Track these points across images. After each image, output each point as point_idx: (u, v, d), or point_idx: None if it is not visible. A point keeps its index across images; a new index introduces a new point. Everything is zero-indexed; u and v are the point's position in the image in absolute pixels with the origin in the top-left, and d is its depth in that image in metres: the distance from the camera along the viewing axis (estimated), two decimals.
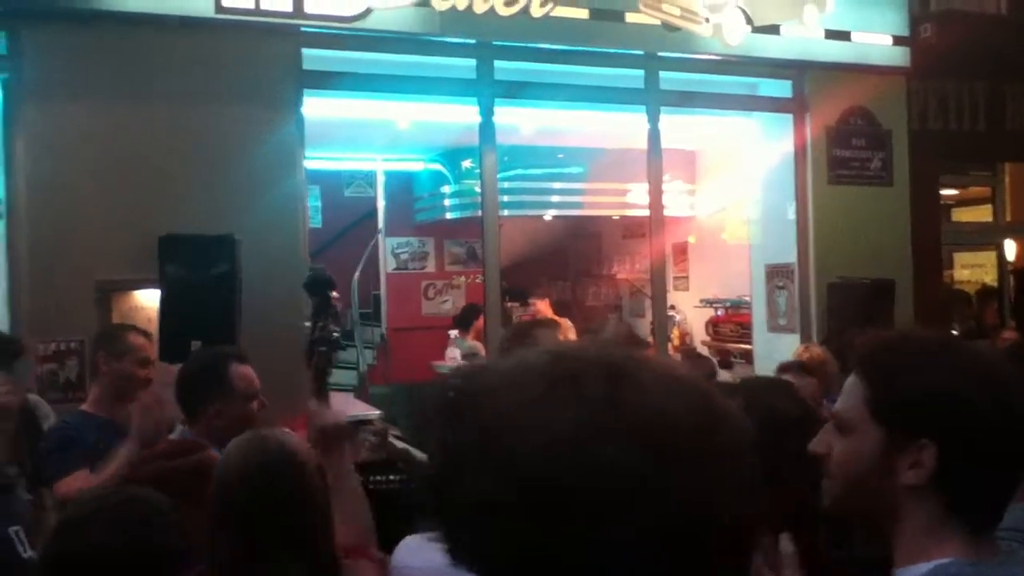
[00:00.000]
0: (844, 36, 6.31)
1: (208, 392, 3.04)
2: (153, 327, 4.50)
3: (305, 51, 5.13)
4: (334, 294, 3.91)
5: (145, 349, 3.65)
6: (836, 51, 6.30)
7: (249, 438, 2.22)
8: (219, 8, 4.80)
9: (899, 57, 6.50)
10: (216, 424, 3.01)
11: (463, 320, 7.93)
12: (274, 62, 5.02)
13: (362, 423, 5.24)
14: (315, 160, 6.20)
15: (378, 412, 6.28)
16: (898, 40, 6.48)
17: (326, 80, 5.28)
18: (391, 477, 3.98)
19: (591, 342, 0.76)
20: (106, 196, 4.68)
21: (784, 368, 4.70)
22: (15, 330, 4.65)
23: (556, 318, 7.48)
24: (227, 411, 3.03)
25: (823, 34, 6.24)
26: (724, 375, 7.47)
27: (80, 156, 4.68)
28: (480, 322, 6.74)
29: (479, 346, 7.13)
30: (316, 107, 5.33)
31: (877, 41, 6.43)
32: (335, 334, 3.71)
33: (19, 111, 4.64)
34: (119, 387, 3.53)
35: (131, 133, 4.75)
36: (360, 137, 7.49)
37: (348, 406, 5.20)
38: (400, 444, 5.25)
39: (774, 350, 6.38)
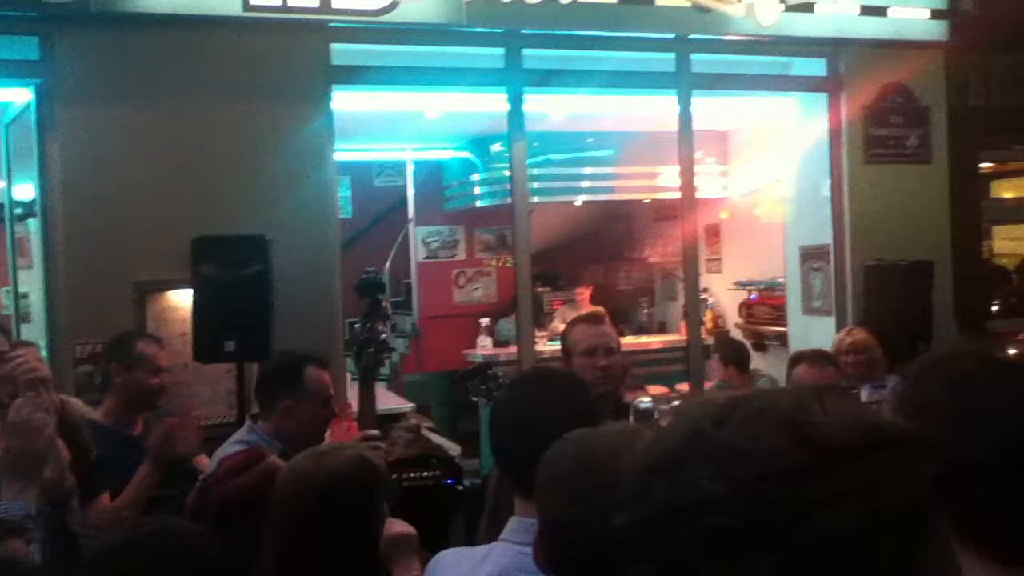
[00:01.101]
0: (880, 12, 6.14)
1: (281, 389, 3.13)
2: (187, 327, 4.54)
3: (333, 46, 5.09)
4: (383, 297, 3.93)
5: (157, 358, 3.57)
6: (872, 27, 6.14)
7: (309, 455, 2.21)
8: (247, 7, 4.77)
9: (938, 31, 6.32)
10: (286, 422, 3.07)
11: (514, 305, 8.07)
12: (302, 58, 4.99)
13: (395, 418, 5.27)
14: (344, 152, 6.19)
15: (411, 405, 6.31)
16: (936, 14, 6.31)
17: (355, 74, 5.24)
18: (425, 474, 3.96)
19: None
20: (139, 197, 4.69)
21: (798, 358, 4.43)
22: (54, 331, 4.71)
23: (591, 306, 7.47)
24: (297, 409, 3.11)
25: (858, 10, 6.09)
26: (758, 358, 7.40)
27: (113, 157, 4.69)
28: None
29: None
30: (345, 101, 5.30)
31: (914, 15, 6.25)
32: (383, 335, 3.75)
33: (52, 114, 4.65)
34: (132, 398, 3.47)
35: (162, 134, 4.75)
36: (389, 128, 7.46)
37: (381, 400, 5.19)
38: (436, 438, 5.25)
39: (809, 333, 6.30)
